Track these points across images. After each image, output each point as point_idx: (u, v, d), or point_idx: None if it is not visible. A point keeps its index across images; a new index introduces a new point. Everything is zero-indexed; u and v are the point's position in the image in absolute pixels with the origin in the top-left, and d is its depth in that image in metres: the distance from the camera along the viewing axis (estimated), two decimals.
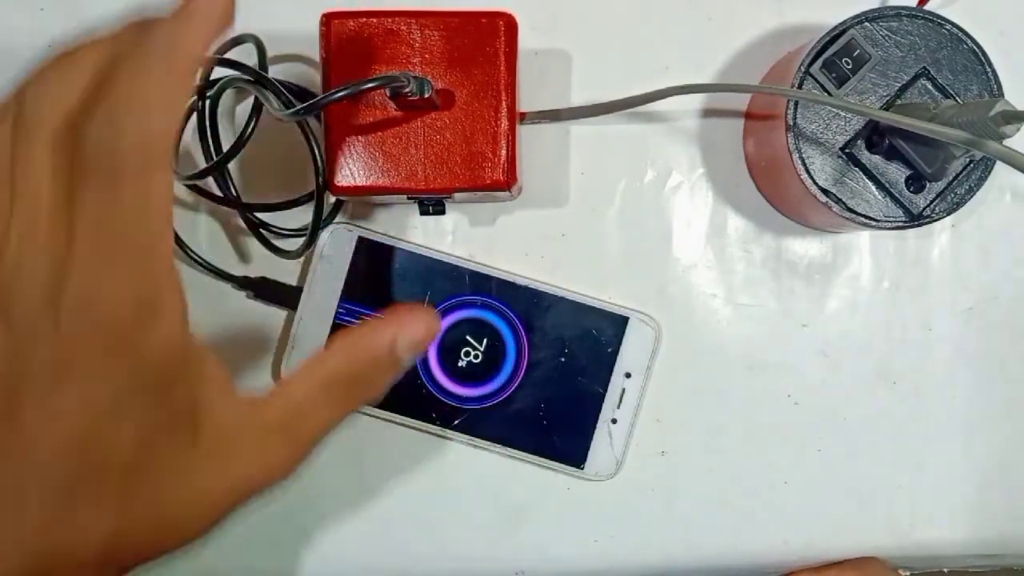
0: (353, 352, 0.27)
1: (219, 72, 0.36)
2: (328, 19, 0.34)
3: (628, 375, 0.39)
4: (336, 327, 0.39)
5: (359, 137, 0.34)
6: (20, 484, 0.23)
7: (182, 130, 0.37)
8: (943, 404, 0.40)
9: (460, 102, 0.34)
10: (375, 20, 0.33)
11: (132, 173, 0.22)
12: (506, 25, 0.34)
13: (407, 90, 0.31)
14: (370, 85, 0.30)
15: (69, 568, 0.23)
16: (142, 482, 0.24)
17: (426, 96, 0.32)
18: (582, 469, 0.39)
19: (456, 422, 0.39)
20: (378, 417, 0.39)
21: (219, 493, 0.25)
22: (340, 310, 0.39)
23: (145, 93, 0.22)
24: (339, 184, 0.34)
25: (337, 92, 0.30)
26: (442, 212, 0.36)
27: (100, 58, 0.23)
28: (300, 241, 0.38)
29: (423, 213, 0.36)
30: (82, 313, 0.22)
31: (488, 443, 0.39)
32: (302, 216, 0.39)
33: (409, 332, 0.27)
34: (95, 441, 0.23)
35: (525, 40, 0.35)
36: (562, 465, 0.39)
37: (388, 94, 0.33)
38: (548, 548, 0.40)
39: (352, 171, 0.34)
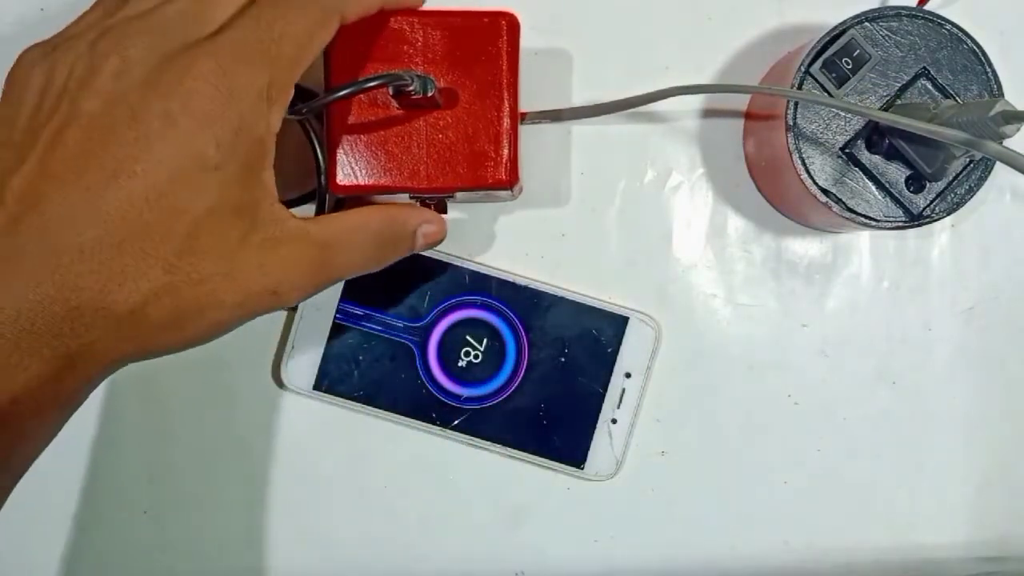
0: (391, 218, 0.32)
1: None
2: None
3: (628, 375, 0.39)
4: (336, 327, 0.39)
5: (361, 136, 0.34)
6: (87, 215, 0.24)
7: None
8: (943, 404, 0.40)
9: (463, 101, 0.34)
10: (377, 19, 0.33)
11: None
12: (508, 24, 0.34)
13: (410, 88, 0.31)
14: (373, 83, 0.30)
15: (97, 317, 0.24)
16: (194, 253, 0.25)
17: (429, 95, 0.32)
18: (582, 469, 0.39)
19: (456, 422, 0.39)
20: (378, 417, 0.39)
21: (250, 292, 0.27)
22: (340, 310, 0.39)
23: None
24: (341, 183, 0.34)
25: (340, 91, 0.30)
26: (443, 212, 0.36)
27: None
28: None
29: None
30: (228, 58, 0.26)
31: (488, 443, 0.39)
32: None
33: (428, 227, 0.34)
34: (173, 196, 0.25)
35: (526, 40, 0.35)
36: (562, 465, 0.39)
37: (391, 93, 0.33)
38: (548, 548, 0.40)
39: (354, 170, 0.34)
